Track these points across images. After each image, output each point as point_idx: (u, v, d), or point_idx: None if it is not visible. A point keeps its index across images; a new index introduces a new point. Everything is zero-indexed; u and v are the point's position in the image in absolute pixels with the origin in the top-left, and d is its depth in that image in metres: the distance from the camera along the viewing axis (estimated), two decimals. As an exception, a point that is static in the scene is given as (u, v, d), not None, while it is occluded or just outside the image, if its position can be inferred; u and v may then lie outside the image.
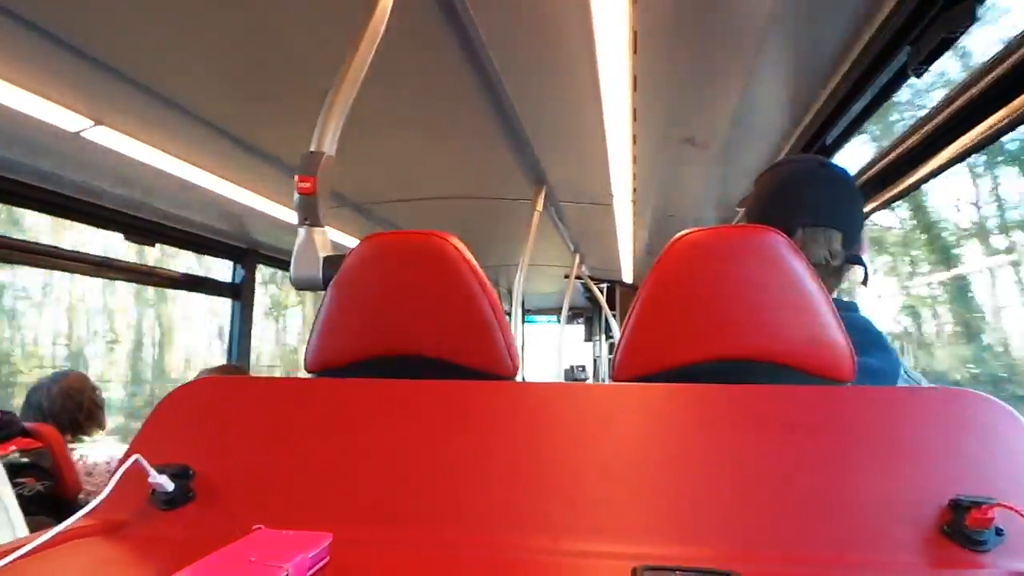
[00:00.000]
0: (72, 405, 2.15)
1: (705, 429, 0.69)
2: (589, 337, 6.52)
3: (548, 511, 0.65)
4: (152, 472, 0.63)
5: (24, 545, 0.51)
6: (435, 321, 0.87)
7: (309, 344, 0.91)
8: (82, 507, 1.80)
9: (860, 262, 1.07)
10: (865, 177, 1.56)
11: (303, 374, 0.93)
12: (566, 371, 6.23)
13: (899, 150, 1.42)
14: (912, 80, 1.27)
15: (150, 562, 0.61)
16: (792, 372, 0.77)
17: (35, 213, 2.32)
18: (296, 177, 1.03)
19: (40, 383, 2.17)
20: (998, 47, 1.07)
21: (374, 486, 0.69)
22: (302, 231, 1.04)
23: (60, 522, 0.56)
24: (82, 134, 1.83)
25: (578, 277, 4.34)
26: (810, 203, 1.06)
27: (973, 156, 1.26)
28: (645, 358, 0.82)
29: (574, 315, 6.44)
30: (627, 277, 4.88)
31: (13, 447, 1.82)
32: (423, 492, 0.68)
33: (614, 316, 5.31)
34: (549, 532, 0.63)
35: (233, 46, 1.47)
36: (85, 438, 2.20)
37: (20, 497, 1.30)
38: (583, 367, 6.66)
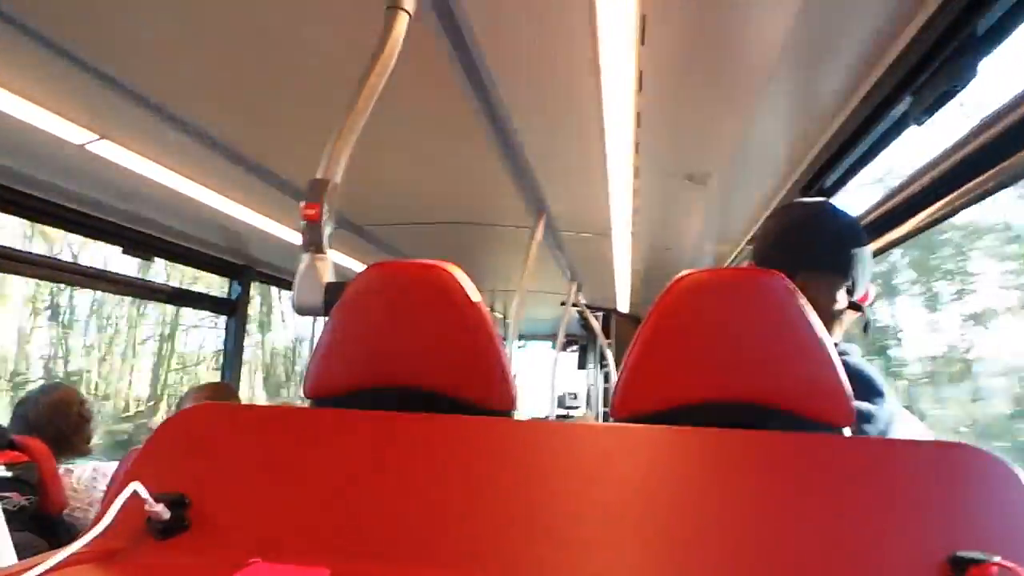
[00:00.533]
0: (60, 419, 2.13)
1: (703, 474, 0.69)
2: (583, 365, 6.50)
3: (544, 553, 0.64)
4: (149, 500, 0.62)
5: (21, 572, 0.50)
6: (435, 354, 0.87)
7: (309, 370, 0.91)
8: (65, 524, 1.77)
9: (860, 309, 1.08)
10: (866, 220, 1.57)
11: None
12: (559, 398, 6.19)
13: (904, 194, 1.44)
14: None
15: None
16: (790, 416, 0.77)
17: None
18: (302, 204, 1.04)
19: (29, 396, 2.15)
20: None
21: (371, 521, 0.68)
22: (306, 257, 1.04)
23: (43, 538, 0.55)
24: (86, 147, 1.84)
25: (574, 305, 4.34)
26: (811, 248, 1.06)
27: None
28: (644, 396, 0.82)
29: (568, 342, 6.43)
30: (623, 307, 4.89)
31: (0, 461, 1.80)
32: (419, 529, 0.67)
33: (609, 345, 5.31)
34: (546, 573, 0.63)
35: (241, 66, 1.49)
36: (76, 458, 2.17)
37: (4, 511, 1.28)
38: (575, 395, 6.63)
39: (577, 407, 6.50)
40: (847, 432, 0.77)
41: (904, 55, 1.18)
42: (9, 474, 1.81)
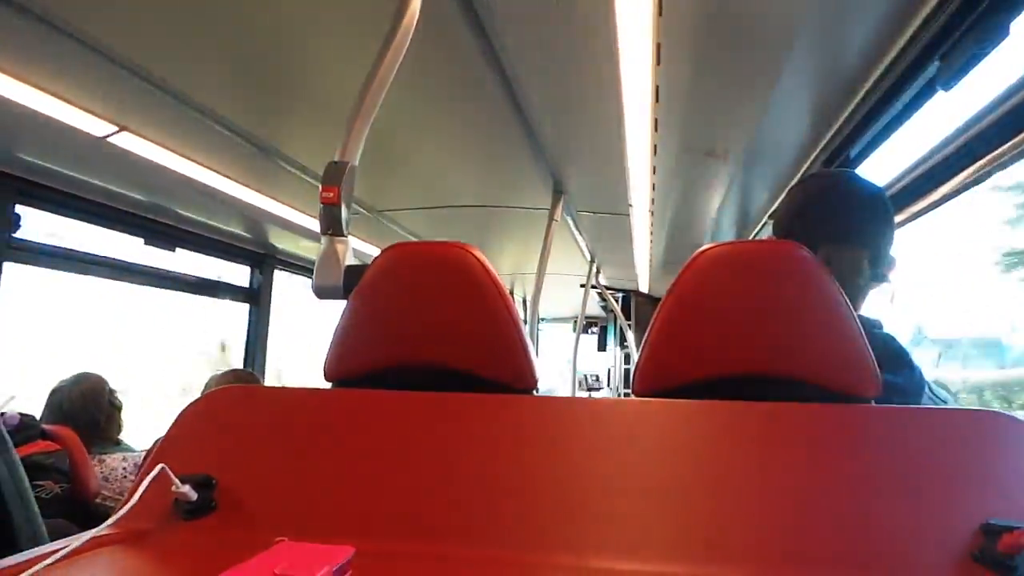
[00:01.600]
0: (92, 407, 2.17)
1: (728, 446, 0.68)
2: (603, 347, 6.49)
3: (571, 527, 0.64)
4: (176, 482, 0.63)
5: (49, 555, 0.51)
6: (456, 332, 0.87)
7: (329, 353, 0.91)
8: (98, 511, 1.81)
9: (886, 280, 1.06)
10: (893, 190, 1.54)
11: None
12: (580, 380, 6.19)
13: (929, 163, 1.40)
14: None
15: (173, 572, 0.61)
16: (815, 389, 0.76)
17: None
18: (320, 187, 1.04)
19: (61, 385, 2.19)
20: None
21: (396, 498, 0.68)
22: (325, 240, 1.04)
23: (77, 525, 0.56)
24: (108, 139, 1.85)
25: (594, 286, 4.32)
26: (834, 220, 1.04)
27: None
28: (666, 372, 0.82)
29: (588, 324, 6.42)
30: (643, 287, 4.86)
31: (33, 449, 1.84)
32: (445, 505, 0.67)
33: (629, 326, 5.29)
34: (573, 549, 0.62)
35: (258, 54, 1.48)
36: (108, 446, 2.21)
37: (38, 499, 1.31)
38: (597, 376, 6.63)
39: (599, 388, 6.50)
40: (873, 404, 0.75)
41: (931, 16, 1.14)
42: (44, 462, 1.85)
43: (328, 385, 0.90)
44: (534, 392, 0.88)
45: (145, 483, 0.58)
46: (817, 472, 0.64)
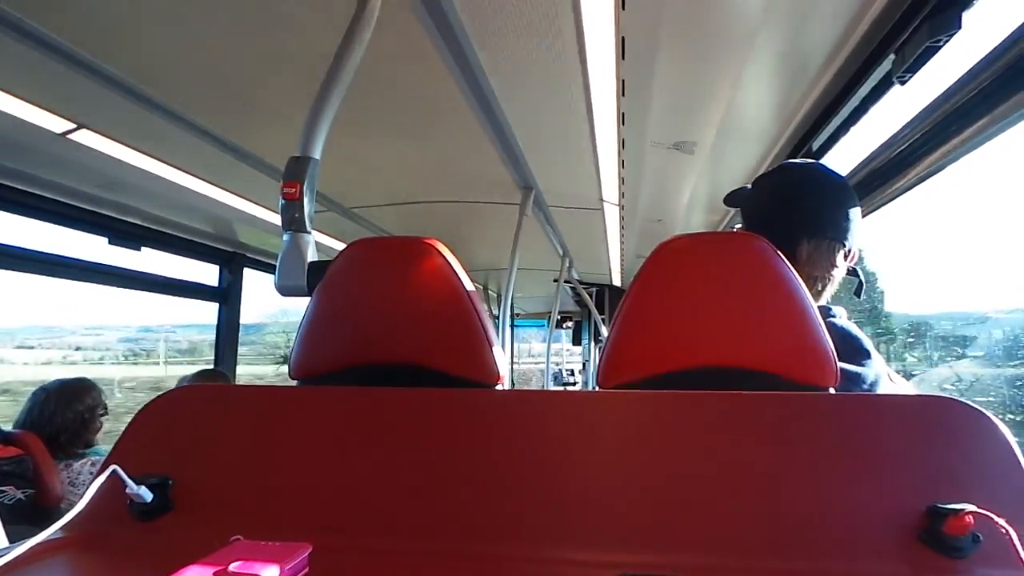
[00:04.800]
0: (63, 413, 2.12)
1: (689, 436, 0.69)
2: (578, 341, 6.52)
3: (533, 520, 0.64)
4: (130, 483, 0.62)
5: None
6: (421, 328, 0.86)
7: (293, 351, 0.90)
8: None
9: (857, 274, 1.08)
10: (853, 181, 1.56)
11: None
12: (555, 375, 6.22)
13: (888, 153, 1.43)
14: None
15: (125, 574, 0.60)
16: (776, 379, 0.77)
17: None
18: (282, 183, 1.02)
19: (38, 390, 2.15)
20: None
21: (356, 495, 0.68)
22: (287, 237, 1.03)
23: (40, 530, 0.55)
24: (67, 137, 1.81)
25: (567, 281, 4.33)
26: (815, 217, 1.05)
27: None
28: (631, 365, 0.82)
29: (563, 319, 6.44)
30: (616, 280, 4.89)
31: None
32: (404, 501, 0.67)
33: (603, 320, 5.32)
34: (533, 541, 0.63)
35: (219, 49, 1.46)
36: (80, 450, 2.16)
37: (0, 505, 1.28)
38: (572, 371, 6.66)
39: (575, 383, 6.53)
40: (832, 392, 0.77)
41: (887, 12, 1.16)
42: (6, 467, 1.81)
43: (294, 383, 0.89)
44: (497, 388, 0.88)
45: (95, 485, 0.57)
46: (776, 460, 0.65)
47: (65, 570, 0.59)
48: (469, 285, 0.88)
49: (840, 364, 0.78)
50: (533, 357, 8.05)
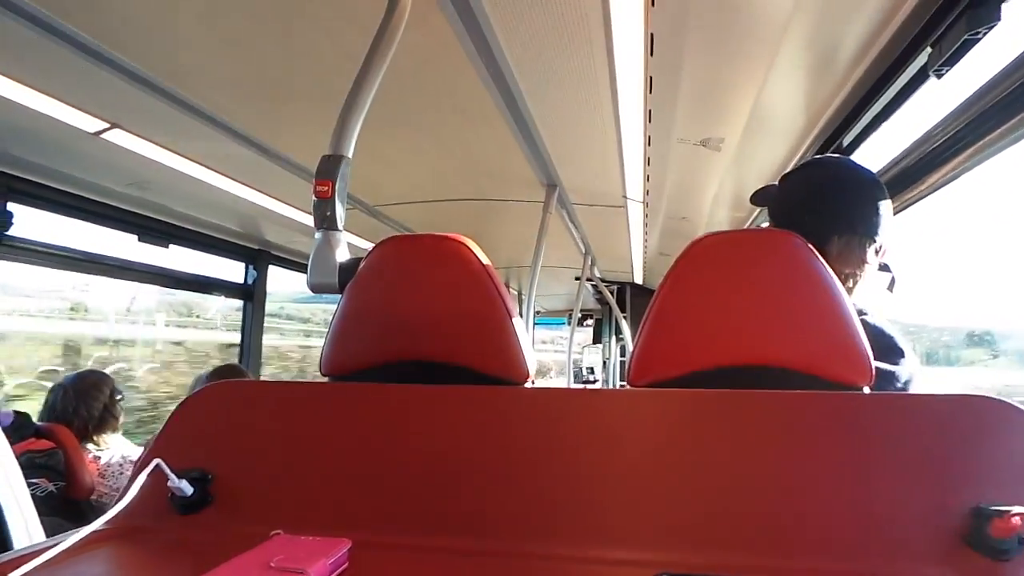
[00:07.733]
0: (84, 406, 2.16)
1: (723, 435, 0.68)
2: (599, 339, 6.49)
3: (568, 518, 0.64)
4: (172, 476, 0.63)
5: (44, 551, 0.50)
6: (451, 326, 0.86)
7: (325, 348, 0.91)
8: (94, 509, 1.82)
9: (890, 269, 1.06)
10: (885, 177, 1.54)
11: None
12: (575, 372, 6.20)
13: (922, 149, 1.40)
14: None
15: (170, 567, 0.61)
16: (810, 378, 0.76)
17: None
18: (314, 181, 1.03)
19: (58, 383, 2.19)
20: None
21: (392, 491, 0.69)
22: (319, 235, 1.03)
23: (72, 523, 0.56)
24: (100, 136, 1.85)
25: (588, 279, 4.32)
26: (846, 212, 1.04)
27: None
28: (662, 363, 0.82)
29: (584, 317, 6.43)
30: (638, 278, 4.87)
31: (27, 447, 1.84)
32: (441, 498, 0.67)
33: (625, 318, 5.29)
34: (569, 539, 0.63)
35: (251, 49, 1.47)
36: (99, 441, 2.20)
37: (33, 497, 1.31)
38: (592, 368, 6.64)
39: (595, 381, 6.51)
40: (867, 392, 0.76)
41: (924, 2, 1.14)
42: (39, 460, 1.85)
43: (325, 380, 0.90)
44: (527, 385, 0.88)
45: (140, 478, 0.58)
46: (812, 460, 0.65)
47: (113, 562, 0.60)
48: (500, 283, 0.88)
49: (874, 363, 0.77)
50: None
